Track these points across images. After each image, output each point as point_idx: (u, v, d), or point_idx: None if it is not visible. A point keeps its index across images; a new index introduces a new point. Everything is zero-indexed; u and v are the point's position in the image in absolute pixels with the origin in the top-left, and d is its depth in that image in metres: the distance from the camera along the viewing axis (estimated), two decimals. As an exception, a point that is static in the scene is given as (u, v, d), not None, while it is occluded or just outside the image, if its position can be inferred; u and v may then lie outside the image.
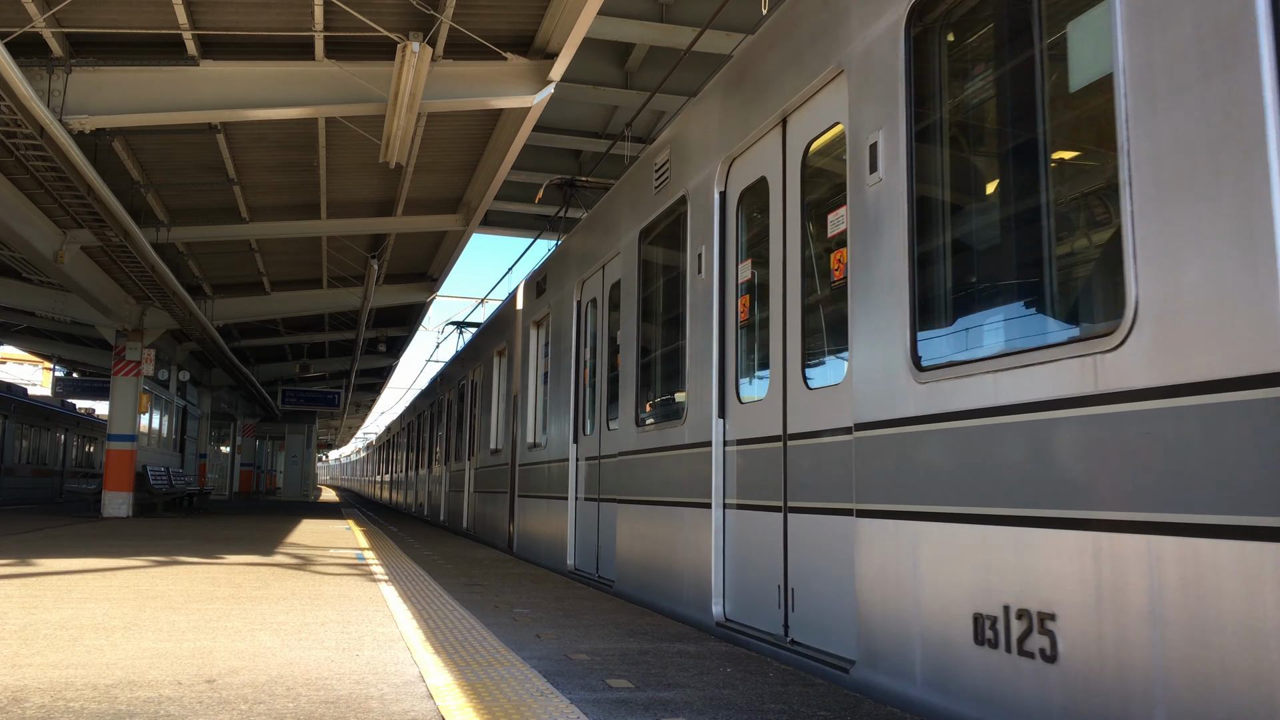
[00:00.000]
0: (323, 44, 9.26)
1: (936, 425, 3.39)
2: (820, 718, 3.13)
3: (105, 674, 3.54)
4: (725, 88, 5.48)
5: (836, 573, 4.06)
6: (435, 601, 5.86)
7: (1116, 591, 2.62)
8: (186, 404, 27.88)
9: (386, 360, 31.35)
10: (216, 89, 9.48)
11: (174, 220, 14.52)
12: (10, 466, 26.40)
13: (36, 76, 8.91)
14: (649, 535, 6.30)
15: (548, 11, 8.96)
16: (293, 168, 12.92)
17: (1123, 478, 2.62)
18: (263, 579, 6.92)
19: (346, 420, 56.56)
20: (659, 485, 6.13)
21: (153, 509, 18.97)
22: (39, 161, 9.45)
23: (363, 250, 17.04)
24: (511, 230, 20.67)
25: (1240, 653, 2.27)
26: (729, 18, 11.74)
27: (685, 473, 5.67)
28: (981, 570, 3.13)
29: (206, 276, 18.47)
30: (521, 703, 3.20)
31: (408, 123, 9.32)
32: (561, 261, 9.39)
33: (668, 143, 6.38)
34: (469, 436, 15.00)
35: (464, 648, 4.24)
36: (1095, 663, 2.70)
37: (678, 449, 5.80)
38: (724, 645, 4.52)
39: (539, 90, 9.69)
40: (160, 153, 12.15)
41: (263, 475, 46.58)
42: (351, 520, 17.26)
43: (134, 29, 8.94)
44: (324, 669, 3.71)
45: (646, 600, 6.31)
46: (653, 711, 3.14)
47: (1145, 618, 2.53)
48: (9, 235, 12.42)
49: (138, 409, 17.98)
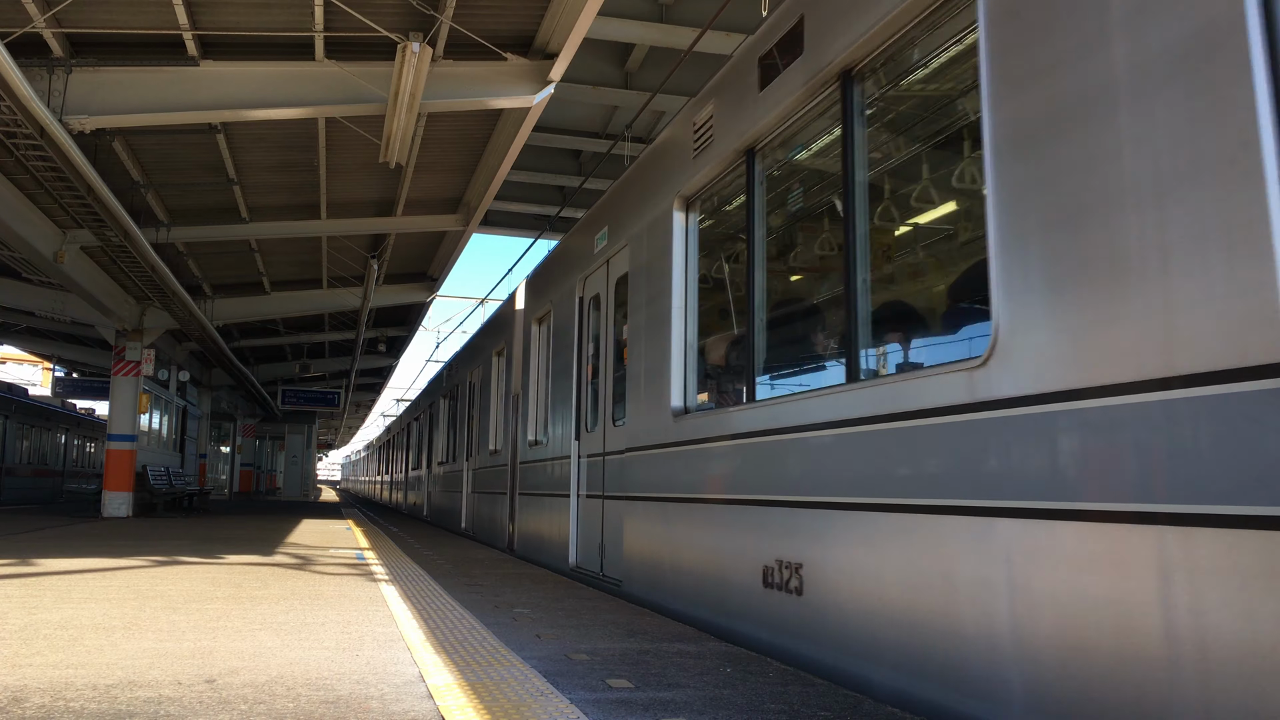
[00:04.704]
0: (323, 44, 9.26)
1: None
2: (820, 718, 3.13)
3: (105, 674, 3.54)
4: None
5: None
6: (435, 601, 5.87)
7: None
8: (186, 404, 27.89)
9: (386, 360, 31.35)
10: (216, 89, 9.48)
11: (174, 220, 14.52)
12: (11, 466, 26.42)
13: (36, 77, 8.91)
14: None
15: (548, 12, 8.96)
16: (293, 168, 12.92)
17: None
18: (263, 579, 6.92)
19: (346, 420, 56.55)
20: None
21: (153, 509, 18.97)
22: (39, 161, 9.45)
23: (363, 250, 17.05)
24: (511, 230, 20.67)
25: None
26: (729, 18, 11.74)
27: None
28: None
29: (206, 276, 18.47)
30: (521, 703, 3.20)
31: (408, 123, 9.33)
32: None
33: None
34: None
35: (464, 648, 4.24)
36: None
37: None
38: (723, 645, 4.52)
39: (539, 90, 9.69)
40: (160, 153, 12.15)
41: (263, 475, 46.59)
42: (351, 520, 17.26)
43: (134, 29, 8.95)
44: (324, 669, 3.71)
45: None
46: (653, 711, 3.15)
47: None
48: (9, 235, 12.42)
49: (138, 409, 17.98)
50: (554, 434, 9.20)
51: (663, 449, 6.16)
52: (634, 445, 6.71)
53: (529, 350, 10.64)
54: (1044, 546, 2.87)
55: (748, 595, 4.79)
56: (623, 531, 6.88)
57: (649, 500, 6.40)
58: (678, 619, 5.62)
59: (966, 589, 3.19)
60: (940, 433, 3.35)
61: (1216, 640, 2.33)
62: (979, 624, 3.12)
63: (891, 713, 3.22)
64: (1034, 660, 2.87)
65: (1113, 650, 2.60)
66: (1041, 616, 2.86)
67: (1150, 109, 2.59)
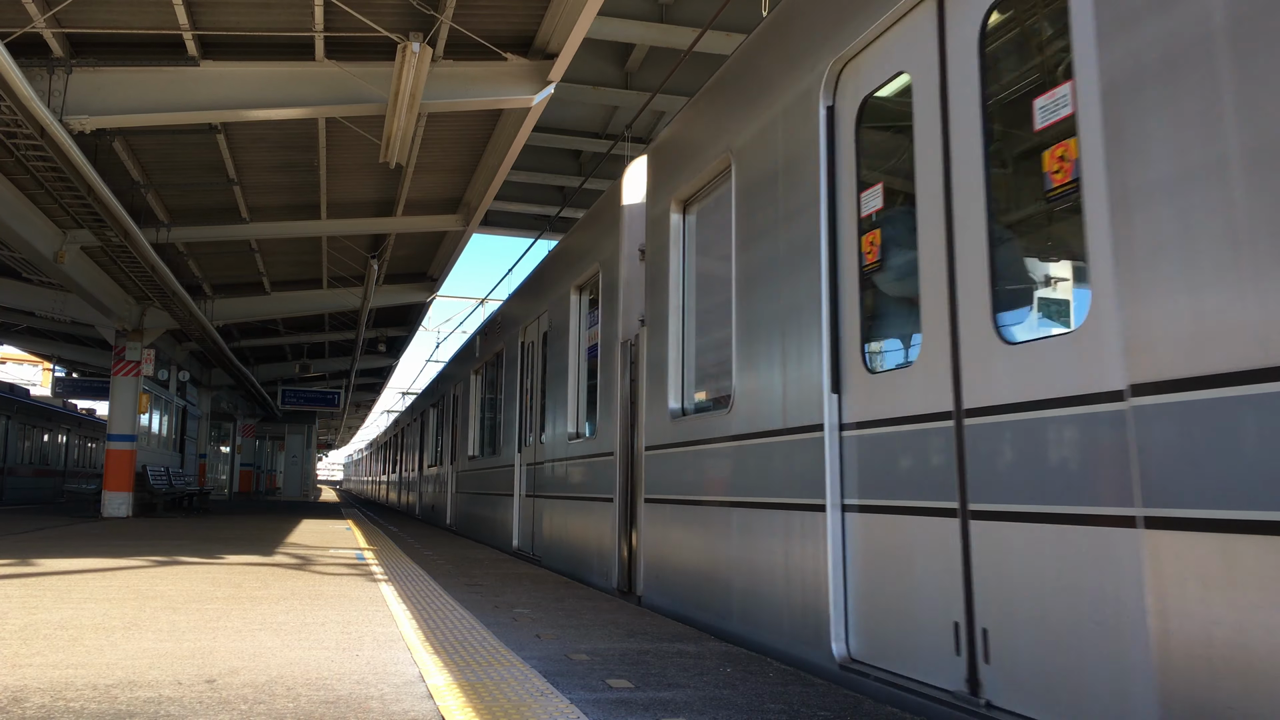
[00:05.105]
0: (323, 44, 9.26)
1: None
2: (820, 718, 3.13)
3: (105, 674, 3.54)
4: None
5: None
6: (435, 601, 5.87)
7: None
8: (186, 404, 27.88)
9: (386, 360, 31.34)
10: (216, 89, 9.48)
11: (174, 220, 14.52)
12: (12, 467, 26.43)
13: (37, 77, 8.91)
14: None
15: (548, 12, 8.96)
16: (293, 168, 12.92)
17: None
18: (263, 579, 6.92)
19: (346, 420, 56.54)
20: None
21: (153, 509, 18.97)
22: (39, 162, 9.45)
23: (363, 250, 17.05)
24: (511, 230, 20.67)
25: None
26: (729, 18, 11.74)
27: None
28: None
29: (206, 276, 18.46)
30: (521, 703, 3.20)
31: (408, 123, 9.32)
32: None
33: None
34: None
35: (464, 648, 4.24)
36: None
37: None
38: (723, 645, 4.52)
39: (539, 90, 9.69)
40: (160, 153, 12.15)
41: (262, 475, 46.58)
42: (351, 520, 17.26)
43: (134, 29, 8.95)
44: (324, 669, 3.71)
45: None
46: (653, 711, 3.15)
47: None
48: (9, 235, 12.42)
49: (138, 409, 17.98)
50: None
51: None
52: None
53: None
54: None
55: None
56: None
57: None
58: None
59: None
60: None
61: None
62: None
63: (891, 713, 3.22)
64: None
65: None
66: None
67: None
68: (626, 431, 7.14)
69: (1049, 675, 2.85)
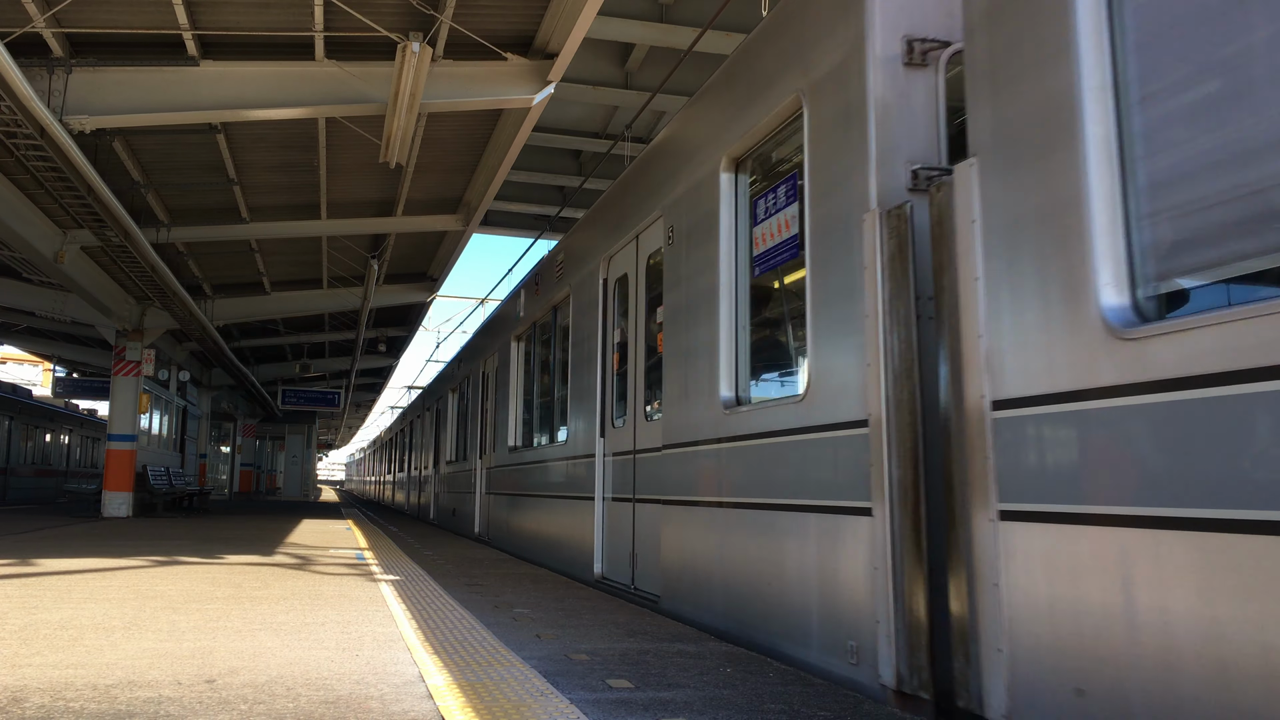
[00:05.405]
0: (323, 44, 9.26)
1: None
2: (820, 717, 3.13)
3: (105, 674, 3.54)
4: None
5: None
6: (435, 601, 5.87)
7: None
8: (186, 404, 27.89)
9: (386, 360, 31.34)
10: (216, 89, 9.48)
11: (174, 220, 14.52)
12: (14, 467, 26.45)
13: (37, 76, 8.91)
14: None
15: (548, 12, 8.96)
16: (293, 168, 12.92)
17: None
18: (263, 579, 6.92)
19: (347, 420, 56.55)
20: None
21: (153, 509, 18.97)
22: (39, 161, 9.45)
23: (363, 250, 17.05)
24: (511, 230, 20.67)
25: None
26: (729, 18, 11.74)
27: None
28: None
29: (206, 276, 18.47)
30: (521, 703, 3.20)
31: (408, 123, 9.33)
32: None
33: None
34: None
35: (464, 648, 4.24)
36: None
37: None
38: (724, 645, 4.52)
39: (539, 90, 9.69)
40: (160, 153, 12.15)
41: (263, 475, 46.60)
42: (351, 520, 17.27)
43: (134, 29, 8.95)
44: (324, 669, 3.71)
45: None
46: (653, 711, 3.15)
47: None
48: (9, 235, 12.42)
49: (138, 409, 17.99)
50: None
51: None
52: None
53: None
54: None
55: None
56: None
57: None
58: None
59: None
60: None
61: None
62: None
63: (891, 713, 3.22)
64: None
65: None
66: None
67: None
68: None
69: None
